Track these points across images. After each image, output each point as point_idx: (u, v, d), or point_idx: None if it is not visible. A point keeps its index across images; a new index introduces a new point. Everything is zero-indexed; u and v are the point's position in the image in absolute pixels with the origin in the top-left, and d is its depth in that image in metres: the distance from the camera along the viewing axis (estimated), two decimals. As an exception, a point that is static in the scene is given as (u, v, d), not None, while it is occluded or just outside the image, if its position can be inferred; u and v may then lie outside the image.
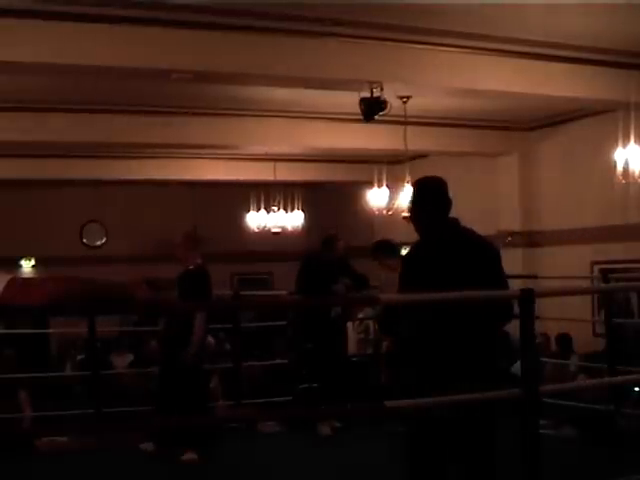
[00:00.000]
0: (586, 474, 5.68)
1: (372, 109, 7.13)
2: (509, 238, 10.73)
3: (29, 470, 6.27)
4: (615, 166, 7.37)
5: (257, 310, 10.41)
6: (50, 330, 12.86)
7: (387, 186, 9.77)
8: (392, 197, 9.48)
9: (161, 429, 6.23)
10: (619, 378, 6.46)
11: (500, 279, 3.87)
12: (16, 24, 5.73)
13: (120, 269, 12.85)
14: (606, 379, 6.64)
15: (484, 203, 11.37)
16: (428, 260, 3.85)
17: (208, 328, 6.85)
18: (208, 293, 6.56)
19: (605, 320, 7.49)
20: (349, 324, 9.08)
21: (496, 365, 3.94)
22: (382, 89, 7.02)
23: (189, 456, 6.37)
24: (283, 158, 11.90)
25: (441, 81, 7.27)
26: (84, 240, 14.48)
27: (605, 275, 7.65)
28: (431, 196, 3.90)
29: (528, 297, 3.43)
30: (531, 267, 10.20)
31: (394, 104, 7.66)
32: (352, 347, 9.13)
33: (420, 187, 4.03)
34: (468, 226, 3.97)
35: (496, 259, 3.93)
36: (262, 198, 12.97)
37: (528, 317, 3.43)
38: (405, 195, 8.84)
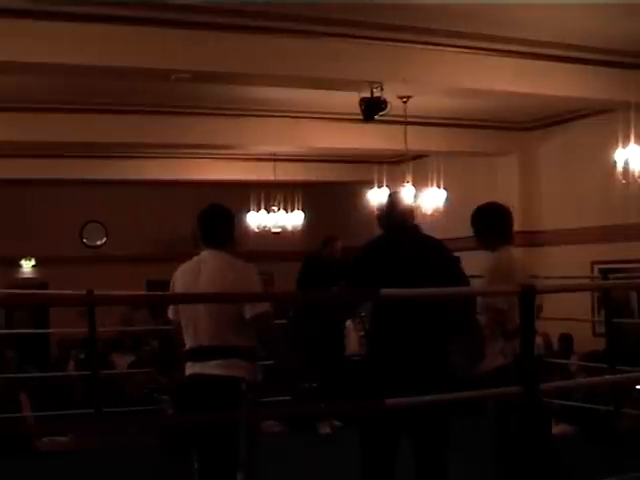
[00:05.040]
0: (586, 473, 5.68)
1: (372, 109, 7.13)
2: (509, 238, 10.70)
3: (29, 470, 6.27)
4: (615, 166, 7.37)
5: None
6: (50, 330, 12.88)
7: (387, 186, 9.74)
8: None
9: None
10: (619, 377, 6.46)
11: (458, 281, 4.22)
12: (16, 24, 5.73)
13: (120, 269, 12.90)
14: (606, 377, 6.63)
15: (484, 203, 11.36)
16: (376, 257, 4.34)
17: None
18: None
19: (605, 320, 7.48)
20: (350, 322, 9.05)
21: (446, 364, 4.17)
22: (382, 89, 7.02)
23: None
24: (283, 158, 11.89)
25: (441, 81, 7.27)
26: (84, 240, 14.49)
27: (605, 275, 7.65)
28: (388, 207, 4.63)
29: (529, 293, 3.40)
30: (531, 267, 10.15)
31: (394, 104, 7.67)
32: (354, 346, 9.08)
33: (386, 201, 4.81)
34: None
35: (452, 263, 4.38)
36: (262, 198, 12.98)
37: (529, 314, 3.40)
38: (405, 195, 8.82)
